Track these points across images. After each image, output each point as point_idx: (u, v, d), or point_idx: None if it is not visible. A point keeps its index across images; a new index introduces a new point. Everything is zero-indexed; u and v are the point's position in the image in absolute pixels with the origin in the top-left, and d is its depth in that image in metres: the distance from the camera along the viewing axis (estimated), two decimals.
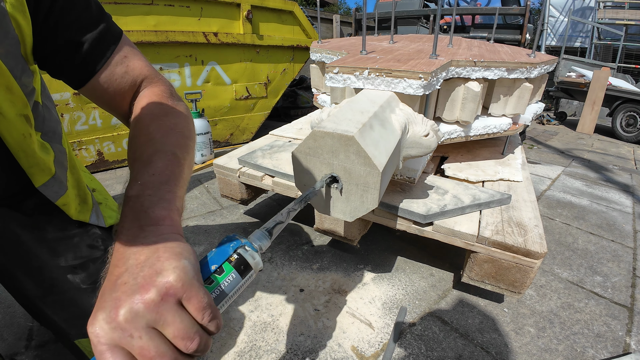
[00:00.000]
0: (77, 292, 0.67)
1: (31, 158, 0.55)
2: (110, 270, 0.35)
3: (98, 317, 0.30)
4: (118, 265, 0.34)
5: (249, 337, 1.00)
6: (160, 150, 0.47)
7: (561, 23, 9.44)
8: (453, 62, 0.99)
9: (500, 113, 1.23)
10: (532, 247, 0.87)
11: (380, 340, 1.00)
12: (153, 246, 0.35)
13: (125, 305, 0.30)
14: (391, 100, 0.80)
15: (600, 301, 1.23)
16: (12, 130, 0.49)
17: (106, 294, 0.32)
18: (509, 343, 1.02)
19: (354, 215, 0.65)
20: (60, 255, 0.66)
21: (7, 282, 0.67)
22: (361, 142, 0.56)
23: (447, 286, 1.24)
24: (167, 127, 0.52)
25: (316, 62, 1.54)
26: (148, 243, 0.35)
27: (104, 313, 0.30)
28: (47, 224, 0.66)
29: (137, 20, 2.18)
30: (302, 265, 1.33)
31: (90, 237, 0.72)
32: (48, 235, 0.66)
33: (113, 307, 0.30)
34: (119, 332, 0.29)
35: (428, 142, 0.75)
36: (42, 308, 0.67)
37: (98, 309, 0.31)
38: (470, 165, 1.34)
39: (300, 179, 0.65)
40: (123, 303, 0.30)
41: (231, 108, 2.81)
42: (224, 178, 1.42)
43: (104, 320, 0.30)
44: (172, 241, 0.37)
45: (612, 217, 1.92)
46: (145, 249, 0.35)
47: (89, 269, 0.69)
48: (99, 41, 0.53)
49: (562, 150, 3.47)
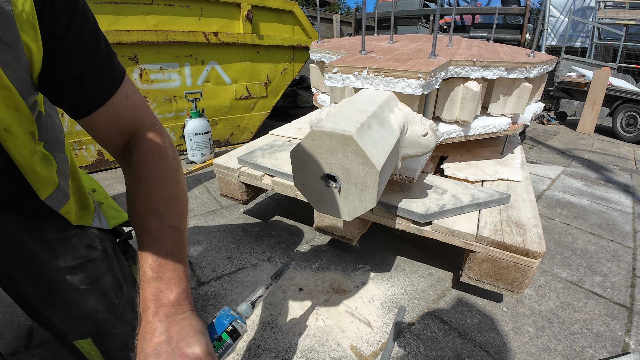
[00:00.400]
0: (76, 293, 0.67)
1: (36, 174, 0.57)
2: (147, 337, 0.46)
3: None
4: (155, 336, 0.46)
5: (247, 336, 1.00)
6: (166, 226, 0.55)
7: (562, 23, 9.44)
8: (452, 61, 0.99)
9: (499, 113, 1.23)
10: (530, 246, 0.88)
11: (379, 340, 1.00)
12: (181, 323, 0.48)
13: None
14: (390, 99, 0.80)
15: (600, 301, 1.23)
16: (21, 148, 0.51)
17: (150, 357, 0.43)
18: (507, 342, 1.02)
19: (352, 215, 0.65)
20: (59, 256, 0.67)
21: (6, 283, 0.67)
22: (359, 142, 0.57)
23: (446, 286, 1.25)
24: (168, 196, 0.58)
25: (316, 61, 1.55)
26: (176, 322, 0.47)
27: None
28: (46, 225, 0.67)
29: (138, 20, 2.18)
30: (302, 265, 1.33)
31: (88, 238, 0.72)
32: (47, 236, 0.67)
33: None
34: None
35: (427, 142, 0.75)
36: (41, 310, 0.67)
37: None
38: (470, 164, 1.34)
39: (299, 178, 0.65)
40: None
41: (231, 108, 2.81)
42: (224, 177, 1.42)
43: None
44: (193, 319, 0.49)
45: (612, 217, 1.92)
46: (175, 326, 0.47)
47: (87, 270, 0.69)
48: (104, 79, 0.55)
49: (562, 150, 3.47)
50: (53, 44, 0.48)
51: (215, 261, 1.34)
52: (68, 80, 0.52)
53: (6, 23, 0.40)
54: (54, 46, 0.48)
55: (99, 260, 0.72)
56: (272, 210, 1.79)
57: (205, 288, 1.19)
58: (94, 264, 0.71)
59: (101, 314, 0.69)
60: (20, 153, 0.52)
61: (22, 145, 0.51)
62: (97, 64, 0.54)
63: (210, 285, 1.20)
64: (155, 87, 2.38)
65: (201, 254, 1.38)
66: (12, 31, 0.41)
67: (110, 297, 0.71)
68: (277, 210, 1.79)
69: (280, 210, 1.79)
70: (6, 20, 0.40)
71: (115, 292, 0.72)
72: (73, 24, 0.49)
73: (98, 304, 0.69)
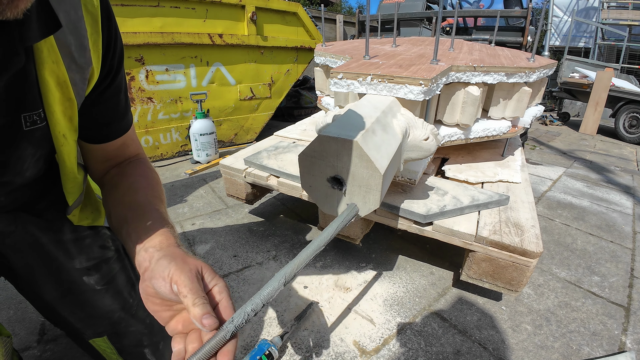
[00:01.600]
0: (93, 294, 0.69)
1: (76, 178, 0.62)
2: (178, 254, 0.47)
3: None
4: (185, 254, 0.48)
5: (255, 331, 1.04)
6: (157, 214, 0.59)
7: (565, 23, 9.40)
8: (453, 67, 1.02)
9: (499, 116, 1.26)
10: (528, 246, 0.91)
11: (381, 336, 1.04)
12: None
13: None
14: (393, 105, 0.83)
15: (597, 300, 1.25)
16: (71, 154, 0.57)
17: (189, 259, 0.46)
18: (506, 339, 1.05)
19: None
20: (75, 258, 0.68)
21: (24, 285, 0.68)
22: (364, 147, 0.60)
23: (446, 284, 1.28)
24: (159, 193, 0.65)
25: (320, 65, 1.58)
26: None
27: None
28: (61, 226, 0.68)
29: (144, 22, 2.21)
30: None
31: (102, 238, 0.74)
32: (64, 237, 0.68)
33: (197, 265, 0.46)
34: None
35: (428, 146, 0.78)
36: (58, 309, 0.69)
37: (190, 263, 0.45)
38: (470, 166, 1.37)
39: (306, 180, 0.68)
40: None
41: (235, 108, 2.84)
42: (230, 178, 1.46)
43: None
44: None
45: (612, 218, 1.94)
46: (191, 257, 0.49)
47: (102, 270, 0.71)
48: (118, 127, 0.65)
49: (564, 151, 3.47)
50: (106, 82, 0.57)
51: (221, 259, 1.37)
52: (89, 118, 0.59)
53: (83, 51, 0.50)
54: (106, 84, 0.57)
55: (112, 260, 0.73)
56: (277, 209, 1.82)
57: None
58: (108, 264, 0.72)
59: (117, 313, 0.71)
60: (70, 158, 0.57)
61: (72, 152, 0.57)
62: (117, 117, 0.64)
63: None
64: (161, 88, 2.41)
65: (208, 252, 1.42)
66: (87, 58, 0.51)
67: (125, 297, 0.73)
68: (282, 209, 1.82)
69: (285, 210, 1.82)
70: (83, 49, 0.50)
71: (129, 292, 0.74)
72: (119, 71, 0.60)
73: (113, 304, 0.71)
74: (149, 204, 0.59)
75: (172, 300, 0.44)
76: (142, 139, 2.43)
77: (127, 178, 0.64)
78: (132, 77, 2.27)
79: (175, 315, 0.46)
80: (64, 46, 0.47)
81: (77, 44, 0.49)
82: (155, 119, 2.46)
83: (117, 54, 0.58)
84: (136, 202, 0.59)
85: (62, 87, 0.49)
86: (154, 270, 0.45)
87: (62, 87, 0.49)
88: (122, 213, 0.58)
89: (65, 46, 0.47)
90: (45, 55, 0.45)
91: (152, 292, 0.45)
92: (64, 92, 0.50)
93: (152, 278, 0.44)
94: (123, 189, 0.62)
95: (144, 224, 0.54)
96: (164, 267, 0.44)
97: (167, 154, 2.60)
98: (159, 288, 0.43)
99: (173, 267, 0.43)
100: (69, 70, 0.49)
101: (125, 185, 0.63)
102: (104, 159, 0.67)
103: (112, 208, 0.60)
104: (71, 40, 0.48)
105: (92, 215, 0.76)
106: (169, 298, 0.44)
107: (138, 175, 0.65)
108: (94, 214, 0.76)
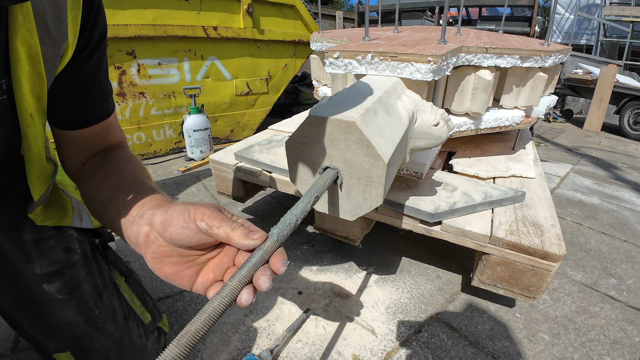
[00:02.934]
0: (53, 304, 0.62)
1: (43, 168, 0.55)
2: (185, 205, 0.41)
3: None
4: (190, 203, 0.43)
5: (242, 343, 0.93)
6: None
7: (567, 20, 9.34)
8: (463, 48, 0.92)
9: (512, 105, 1.16)
10: (549, 248, 0.80)
11: (384, 349, 0.93)
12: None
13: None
14: (397, 86, 0.73)
15: (616, 305, 1.17)
16: (38, 138, 0.51)
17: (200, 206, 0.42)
18: (521, 351, 0.95)
19: (355, 214, 0.58)
20: (35, 262, 0.61)
21: None
22: (364, 129, 0.50)
23: (455, 289, 1.17)
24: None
25: (317, 52, 1.47)
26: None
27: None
28: (22, 224, 0.61)
29: (135, 14, 2.12)
30: (301, 266, 1.26)
31: (67, 240, 0.67)
32: (24, 237, 0.61)
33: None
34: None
35: (438, 133, 0.68)
36: (16, 319, 0.62)
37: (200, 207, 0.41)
38: (480, 160, 1.27)
39: (295, 172, 0.58)
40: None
41: (231, 104, 2.75)
42: (220, 174, 1.36)
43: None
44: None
45: (624, 217, 1.85)
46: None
47: (65, 276, 0.64)
48: (96, 111, 0.59)
49: (569, 148, 3.39)
50: (81, 58, 0.52)
51: None
52: (65, 100, 0.54)
53: (60, 24, 0.45)
54: (80, 60, 0.52)
55: (77, 265, 0.66)
56: (272, 208, 1.73)
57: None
58: (73, 269, 0.65)
59: (80, 326, 0.64)
60: (36, 142, 0.51)
61: (39, 136, 0.51)
62: (97, 100, 0.58)
63: None
64: (153, 83, 2.32)
65: None
66: (63, 32, 0.46)
67: (90, 307, 0.66)
68: (277, 208, 1.73)
69: (280, 209, 1.72)
70: (60, 22, 0.45)
71: (94, 302, 0.67)
72: (97, 49, 0.54)
73: (76, 315, 0.64)
74: (137, 178, 0.54)
75: (198, 244, 0.39)
76: (134, 136, 2.34)
77: (109, 162, 0.59)
78: (123, 71, 2.19)
79: (201, 269, 0.41)
80: (40, 16, 0.43)
81: (55, 15, 0.44)
82: (148, 115, 2.37)
83: (96, 30, 0.52)
84: (123, 179, 0.54)
85: (34, 60, 0.44)
86: (167, 220, 0.40)
87: (33, 59, 0.44)
88: (107, 194, 0.52)
89: (42, 17, 0.43)
90: (20, 23, 0.41)
91: (166, 251, 0.40)
92: (34, 67, 0.45)
93: (166, 229, 0.39)
94: (106, 171, 0.56)
95: (135, 195, 0.49)
96: (181, 211, 0.40)
97: (161, 151, 2.51)
98: (180, 234, 0.38)
99: (192, 208, 0.39)
100: (42, 44, 0.44)
101: (109, 167, 0.57)
102: (82, 147, 0.60)
103: (95, 192, 0.54)
104: (48, 10, 0.43)
105: (57, 214, 0.68)
106: (194, 242, 0.39)
107: (122, 157, 0.60)
108: (59, 212, 0.68)
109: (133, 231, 0.44)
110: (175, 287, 1.14)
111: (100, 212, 0.53)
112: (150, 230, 0.41)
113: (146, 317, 0.79)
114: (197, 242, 0.39)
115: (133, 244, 0.45)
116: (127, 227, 0.46)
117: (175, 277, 0.40)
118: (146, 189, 0.50)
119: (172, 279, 0.41)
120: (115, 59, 2.12)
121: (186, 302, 1.08)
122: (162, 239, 0.40)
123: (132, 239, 0.45)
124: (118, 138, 0.65)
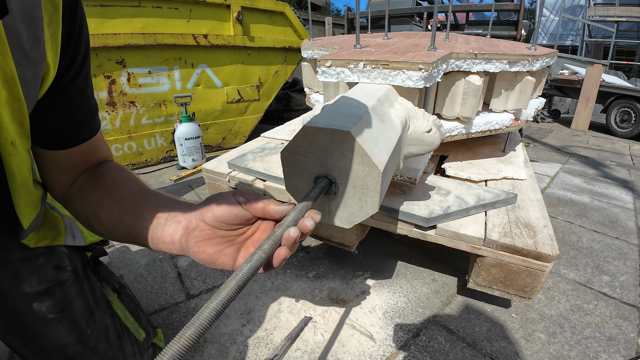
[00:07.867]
0: (44, 324, 0.60)
1: (30, 194, 0.52)
2: (219, 193, 0.47)
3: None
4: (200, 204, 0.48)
5: (240, 353, 0.93)
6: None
7: (552, 22, 9.52)
8: (453, 54, 0.93)
9: (501, 109, 1.17)
10: (543, 249, 0.82)
11: (383, 354, 0.93)
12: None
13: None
14: (389, 93, 0.74)
15: (610, 302, 1.18)
16: (22, 165, 0.48)
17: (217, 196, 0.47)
18: (519, 351, 0.96)
19: (351, 222, 0.59)
20: (24, 280, 0.59)
21: None
22: (358, 139, 0.50)
23: (451, 292, 1.18)
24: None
25: (308, 59, 1.48)
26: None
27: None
28: (10, 241, 0.59)
29: (124, 23, 2.10)
30: (298, 274, 1.26)
31: (57, 257, 0.65)
32: (12, 256, 0.59)
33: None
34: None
35: (431, 139, 0.69)
36: (8, 341, 0.61)
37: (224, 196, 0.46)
38: (472, 163, 1.28)
39: (290, 182, 0.58)
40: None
41: (223, 111, 2.74)
42: (214, 183, 1.35)
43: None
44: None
45: (614, 214, 1.89)
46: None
47: (56, 295, 0.62)
48: (85, 130, 0.57)
49: (558, 148, 3.45)
50: (68, 77, 0.49)
51: (205, 272, 1.26)
52: (55, 120, 0.52)
53: (37, 43, 0.41)
54: (64, 81, 0.49)
55: (68, 283, 0.65)
56: None
57: (195, 301, 1.11)
58: (63, 288, 0.64)
59: (72, 347, 0.62)
60: (20, 170, 0.48)
61: (23, 162, 0.48)
62: (84, 119, 0.56)
63: (200, 299, 1.13)
64: (144, 92, 2.30)
65: (191, 264, 1.30)
66: (41, 52, 0.42)
67: (82, 327, 0.64)
68: None
69: None
70: (37, 41, 0.41)
71: (86, 321, 0.65)
72: (83, 66, 0.51)
73: (68, 336, 0.62)
74: (144, 188, 0.55)
75: (237, 219, 0.44)
76: (125, 145, 2.32)
77: (105, 177, 0.57)
78: (113, 81, 2.17)
79: (241, 247, 0.45)
80: (14, 37, 0.39)
81: (30, 34, 0.41)
82: (139, 124, 2.35)
83: (81, 46, 0.50)
84: (129, 191, 0.53)
85: (10, 85, 0.41)
86: (207, 207, 0.44)
87: (9, 84, 0.41)
88: (117, 207, 0.51)
89: (16, 37, 0.39)
90: None
91: (208, 234, 0.43)
92: (12, 91, 0.41)
93: (209, 211, 0.43)
94: (105, 186, 0.55)
95: (155, 202, 0.51)
96: (218, 195, 0.46)
97: (152, 160, 2.49)
98: (222, 210, 0.43)
99: (229, 193, 0.45)
100: (18, 66, 0.40)
101: (107, 182, 0.56)
102: (69, 167, 0.57)
103: (99, 208, 0.53)
104: (22, 29, 0.39)
105: (49, 234, 0.66)
106: (234, 216, 0.43)
107: (118, 171, 0.59)
108: (51, 232, 0.67)
109: (167, 230, 0.46)
110: (170, 299, 1.12)
111: (111, 225, 0.52)
112: (189, 222, 0.45)
113: (140, 334, 0.77)
114: (236, 216, 0.43)
115: (166, 244, 0.47)
116: (157, 229, 0.47)
117: (218, 256, 0.43)
118: (161, 195, 0.52)
119: (214, 259, 0.43)
120: (104, 68, 2.10)
121: (182, 314, 1.06)
122: (203, 224, 0.43)
123: (165, 238, 0.46)
124: (105, 154, 0.63)
